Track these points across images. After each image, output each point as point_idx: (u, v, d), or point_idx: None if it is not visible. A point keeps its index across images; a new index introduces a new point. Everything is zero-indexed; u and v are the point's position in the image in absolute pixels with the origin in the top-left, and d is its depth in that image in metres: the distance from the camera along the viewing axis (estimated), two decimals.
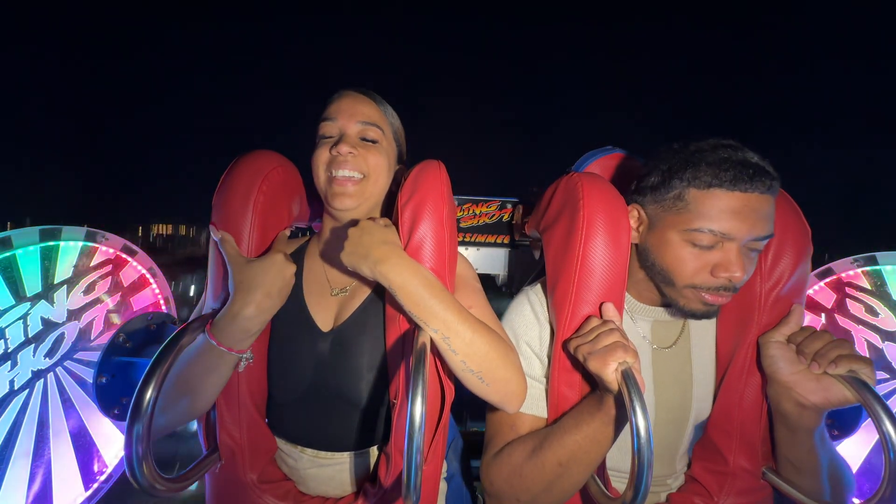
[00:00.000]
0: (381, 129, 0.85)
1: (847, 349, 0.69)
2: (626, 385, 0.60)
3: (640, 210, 0.80)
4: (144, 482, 0.61)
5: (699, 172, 0.70)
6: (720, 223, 0.69)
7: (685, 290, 0.75)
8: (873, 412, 0.63)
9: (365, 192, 0.83)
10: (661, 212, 0.76)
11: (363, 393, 0.80)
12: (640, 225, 0.81)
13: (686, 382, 0.85)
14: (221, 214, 0.80)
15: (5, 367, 1.02)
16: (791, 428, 0.75)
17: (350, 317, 0.83)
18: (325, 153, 0.82)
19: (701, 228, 0.70)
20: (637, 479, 0.57)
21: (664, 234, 0.75)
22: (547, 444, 0.72)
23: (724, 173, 0.68)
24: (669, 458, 0.87)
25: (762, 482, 0.82)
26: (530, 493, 0.73)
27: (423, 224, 0.74)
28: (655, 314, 0.87)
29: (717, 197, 0.69)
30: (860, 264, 1.12)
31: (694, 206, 0.71)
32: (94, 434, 1.22)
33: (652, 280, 0.81)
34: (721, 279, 0.71)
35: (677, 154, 0.75)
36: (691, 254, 0.73)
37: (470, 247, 1.47)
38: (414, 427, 0.55)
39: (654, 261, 0.78)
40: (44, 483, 1.08)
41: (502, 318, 0.89)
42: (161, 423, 0.73)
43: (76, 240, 1.17)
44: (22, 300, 1.05)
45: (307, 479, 0.85)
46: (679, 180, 0.72)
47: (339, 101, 0.84)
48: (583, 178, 0.79)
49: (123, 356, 1.19)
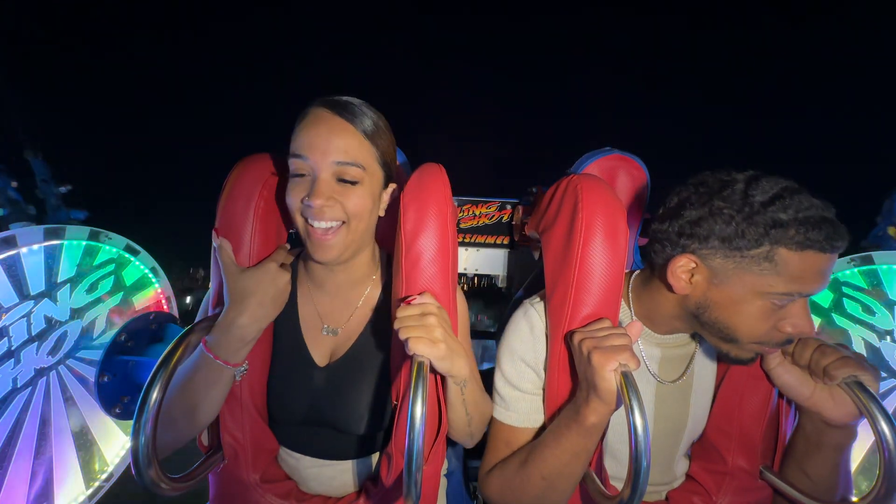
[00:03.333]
0: (361, 168, 0.72)
1: (830, 356, 0.69)
2: (626, 386, 0.61)
3: (696, 261, 0.69)
4: (150, 482, 0.62)
5: (791, 231, 0.61)
6: (812, 286, 0.63)
7: (748, 345, 0.70)
8: (868, 413, 0.64)
9: (346, 239, 0.74)
10: (732, 267, 0.66)
11: (361, 424, 0.80)
12: (694, 275, 0.71)
13: (685, 404, 0.85)
14: (223, 221, 0.80)
15: (8, 364, 1.03)
16: (821, 445, 0.74)
17: (346, 353, 0.83)
18: (297, 200, 0.72)
19: (791, 293, 0.63)
20: (634, 478, 0.58)
21: (736, 294, 0.67)
22: (530, 459, 0.73)
23: (816, 233, 0.61)
24: (666, 465, 0.88)
25: (760, 482, 0.83)
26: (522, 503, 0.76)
27: (426, 230, 0.74)
28: (665, 341, 0.84)
29: (812, 260, 0.62)
30: (856, 263, 1.13)
31: (786, 269, 0.62)
32: (95, 432, 1.22)
33: (701, 328, 0.74)
34: (789, 335, 0.67)
35: (746, 199, 0.65)
36: (766, 313, 0.66)
37: (470, 247, 1.47)
38: (415, 429, 0.56)
39: (716, 318, 0.70)
40: (45, 481, 1.09)
41: (502, 333, 0.88)
42: (167, 440, 0.72)
43: (80, 239, 1.18)
44: (25, 298, 1.06)
45: (308, 479, 0.85)
46: (763, 235, 0.63)
47: (311, 131, 0.70)
48: (583, 180, 0.79)
49: (125, 355, 1.20)
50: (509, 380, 0.82)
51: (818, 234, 0.60)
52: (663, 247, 0.72)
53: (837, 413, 0.70)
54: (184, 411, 0.73)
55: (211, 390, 0.74)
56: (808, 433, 0.76)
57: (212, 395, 0.74)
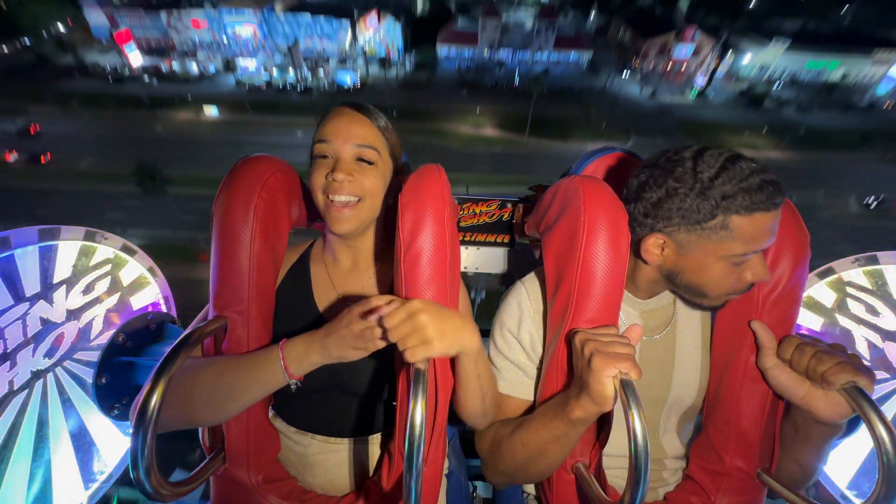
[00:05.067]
0: (377, 151, 0.84)
1: (827, 362, 0.70)
2: (626, 394, 0.62)
3: (665, 239, 0.78)
4: (150, 488, 0.61)
5: (735, 199, 0.69)
6: (763, 243, 0.71)
7: (719, 297, 0.79)
8: (866, 418, 0.64)
9: (361, 214, 0.84)
10: (695, 238, 0.74)
11: (364, 385, 0.84)
12: (663, 250, 0.79)
13: (667, 366, 0.88)
14: (222, 222, 0.80)
15: (4, 367, 1.02)
16: (810, 438, 0.78)
17: None
18: (321, 177, 0.81)
19: (747, 253, 0.72)
20: (634, 485, 0.59)
21: (701, 260, 0.75)
22: (518, 433, 0.80)
23: (758, 195, 0.69)
24: (653, 437, 0.89)
25: (757, 482, 0.83)
26: (507, 467, 0.83)
27: (424, 229, 0.75)
28: (646, 305, 0.90)
29: (760, 221, 0.70)
30: (861, 264, 1.13)
31: (739, 232, 0.71)
32: (93, 434, 1.22)
33: (674, 289, 0.84)
34: (749, 282, 0.75)
35: (691, 175, 0.73)
36: (729, 271, 0.75)
37: (470, 246, 1.46)
38: (415, 430, 0.56)
39: (687, 281, 0.79)
40: (43, 483, 1.09)
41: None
42: (171, 421, 0.71)
43: (75, 240, 1.17)
44: (21, 300, 1.05)
45: (315, 465, 0.86)
46: (715, 207, 0.71)
47: (335, 122, 0.83)
48: (584, 182, 0.79)
49: (123, 356, 1.19)
50: (500, 349, 0.89)
51: (762, 196, 0.69)
52: (632, 228, 0.80)
53: (830, 413, 0.72)
54: (213, 400, 0.72)
55: (255, 390, 0.73)
56: (798, 425, 0.79)
57: (253, 395, 0.73)
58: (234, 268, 0.79)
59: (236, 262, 0.79)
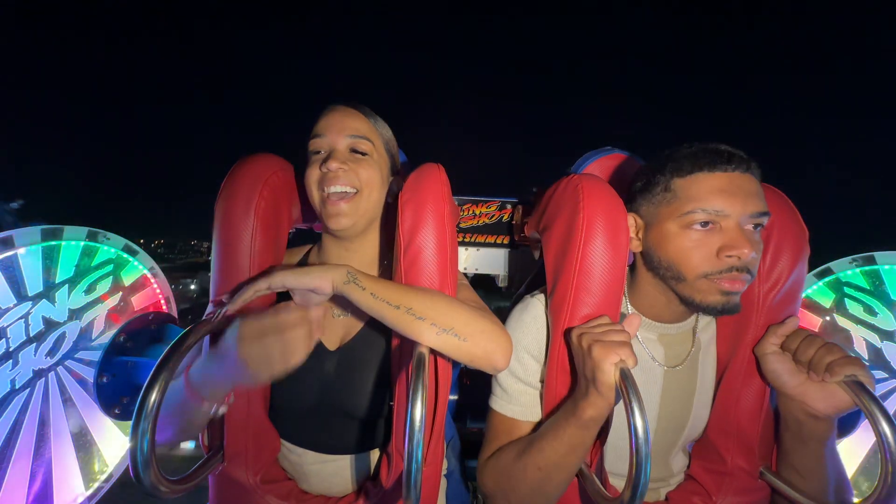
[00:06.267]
0: (371, 142, 0.83)
1: (836, 353, 0.69)
2: (625, 385, 0.61)
3: (636, 217, 0.82)
4: (149, 484, 0.61)
5: (679, 164, 0.75)
6: (710, 202, 0.71)
7: (698, 281, 0.73)
8: (869, 413, 0.64)
9: (359, 208, 0.81)
10: (653, 209, 0.79)
11: (364, 406, 0.81)
12: (638, 231, 0.82)
13: (688, 396, 0.86)
14: (223, 221, 0.80)
15: (6, 366, 1.02)
16: (803, 438, 0.76)
17: (357, 334, 0.84)
18: (315, 171, 0.80)
19: (694, 210, 0.72)
20: (635, 479, 0.58)
21: (662, 229, 0.76)
22: (528, 450, 0.74)
23: (701, 159, 0.73)
24: (662, 461, 0.88)
25: (760, 482, 0.83)
26: (517, 495, 0.76)
27: (424, 227, 0.75)
28: (662, 329, 0.86)
29: (701, 180, 0.73)
30: (858, 264, 1.13)
31: (682, 192, 0.74)
32: (94, 433, 1.22)
33: (664, 282, 0.79)
34: (731, 260, 0.71)
35: (656, 158, 0.80)
36: (693, 240, 0.73)
37: (470, 247, 1.47)
38: (414, 430, 0.56)
39: (659, 258, 0.77)
40: (44, 482, 1.08)
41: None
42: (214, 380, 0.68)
43: (78, 239, 1.17)
44: (23, 299, 1.05)
45: (310, 475, 0.85)
46: (662, 175, 0.77)
47: (328, 117, 0.83)
48: (583, 180, 0.79)
49: (124, 356, 1.19)
50: (514, 373, 0.82)
51: (703, 159, 0.73)
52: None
53: (823, 405, 0.71)
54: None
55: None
56: (791, 428, 0.77)
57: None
58: (235, 265, 0.79)
59: (237, 260, 0.79)
